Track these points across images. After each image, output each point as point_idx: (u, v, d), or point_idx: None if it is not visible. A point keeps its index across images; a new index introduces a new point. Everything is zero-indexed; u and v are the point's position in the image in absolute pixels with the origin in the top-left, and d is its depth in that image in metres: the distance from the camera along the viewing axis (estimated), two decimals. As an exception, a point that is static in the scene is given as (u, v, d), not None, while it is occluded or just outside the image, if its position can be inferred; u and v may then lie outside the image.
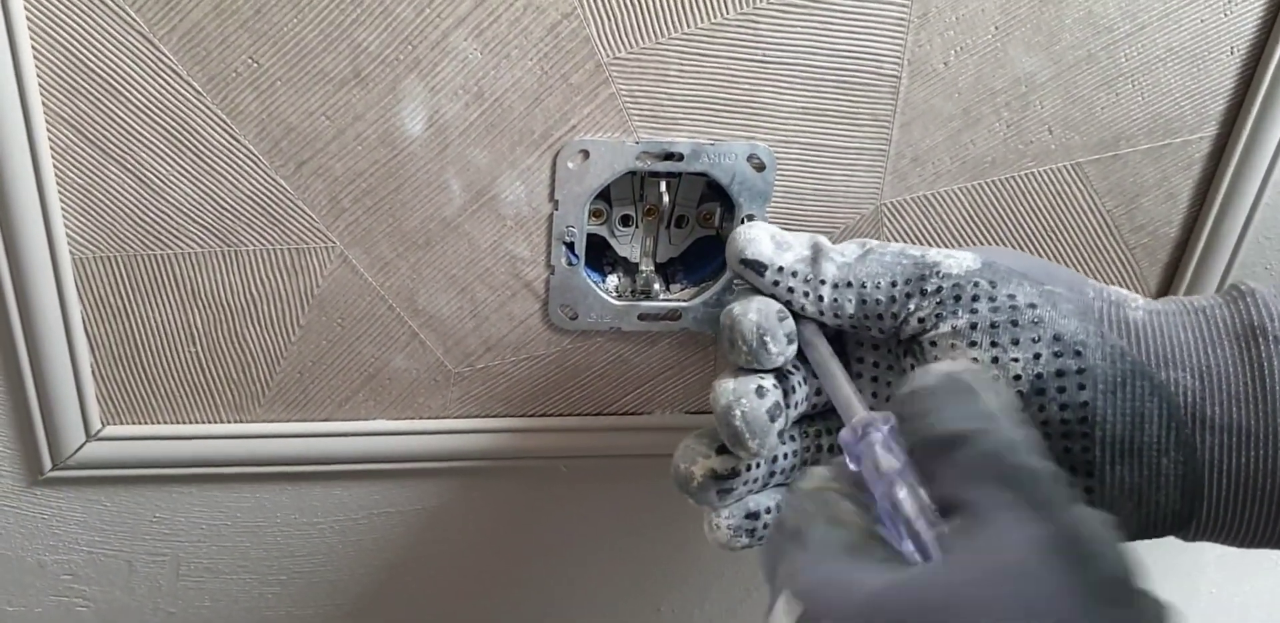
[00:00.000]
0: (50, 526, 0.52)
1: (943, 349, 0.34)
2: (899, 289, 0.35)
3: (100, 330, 0.47)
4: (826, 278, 0.36)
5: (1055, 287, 0.34)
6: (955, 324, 0.34)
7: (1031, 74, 0.47)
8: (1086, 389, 0.33)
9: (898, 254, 0.36)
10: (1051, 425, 0.33)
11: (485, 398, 0.52)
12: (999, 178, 0.49)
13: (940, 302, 0.34)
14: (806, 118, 0.46)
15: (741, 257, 0.38)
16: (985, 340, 0.33)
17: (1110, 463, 0.33)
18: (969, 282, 0.34)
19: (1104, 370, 0.33)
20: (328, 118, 0.43)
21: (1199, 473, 0.32)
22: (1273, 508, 0.32)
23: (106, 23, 0.40)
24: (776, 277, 0.37)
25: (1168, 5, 0.46)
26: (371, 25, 0.41)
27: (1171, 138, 0.49)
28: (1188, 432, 0.32)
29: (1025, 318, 0.33)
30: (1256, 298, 0.33)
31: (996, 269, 0.35)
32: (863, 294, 0.36)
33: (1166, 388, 0.32)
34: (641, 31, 0.43)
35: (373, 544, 0.56)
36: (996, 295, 0.34)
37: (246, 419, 0.50)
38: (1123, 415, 0.32)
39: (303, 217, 0.45)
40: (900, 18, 0.44)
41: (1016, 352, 0.33)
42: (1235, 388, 0.32)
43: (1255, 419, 0.32)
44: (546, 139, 0.45)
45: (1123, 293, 0.35)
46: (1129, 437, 0.33)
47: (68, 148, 0.42)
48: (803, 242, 0.38)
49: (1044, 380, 0.33)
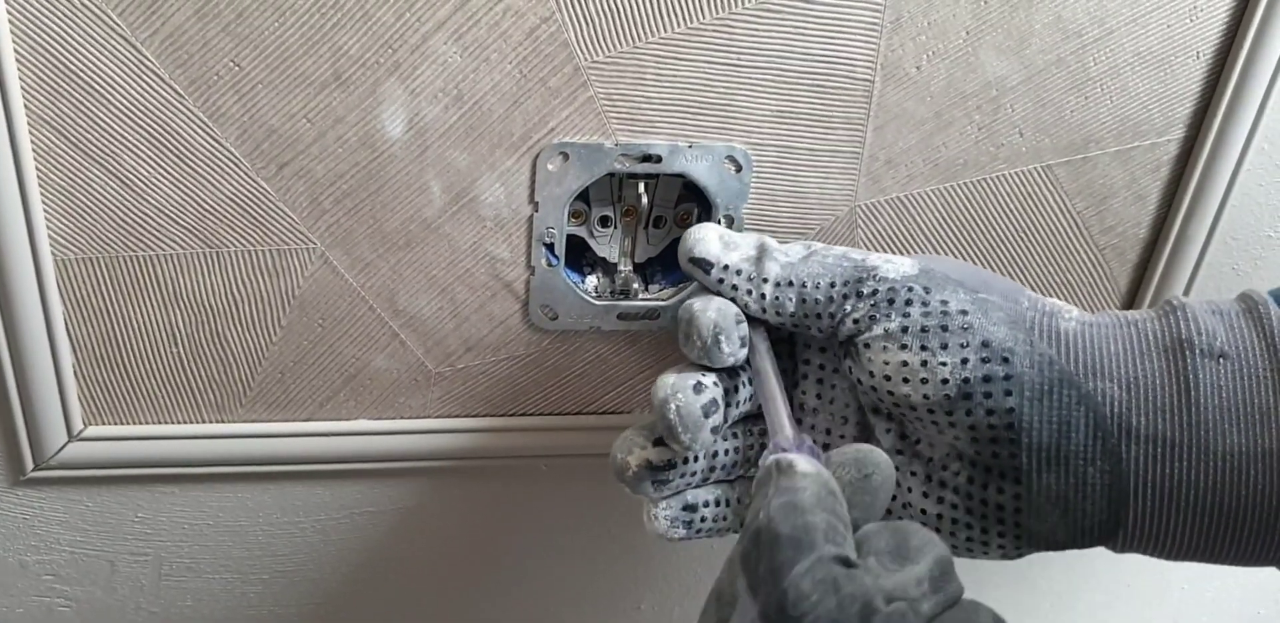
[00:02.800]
0: (32, 526, 0.52)
1: (875, 351, 0.35)
2: (836, 290, 0.36)
3: (82, 331, 0.47)
4: (769, 276, 0.37)
5: (989, 295, 0.35)
6: (887, 327, 0.35)
7: (1002, 78, 0.47)
8: (1013, 395, 0.33)
9: (840, 256, 0.38)
10: (979, 430, 0.34)
11: (466, 398, 0.52)
12: (971, 180, 0.50)
13: (874, 304, 0.35)
14: (781, 121, 0.47)
15: (690, 255, 0.39)
16: (915, 343, 0.34)
17: (1037, 470, 0.34)
18: (903, 286, 0.35)
19: (1031, 378, 0.33)
20: (309, 120, 0.43)
21: (1125, 483, 0.33)
22: (1197, 519, 0.33)
23: (88, 26, 0.40)
24: (722, 274, 0.38)
25: (1135, 11, 0.47)
26: (352, 29, 0.42)
27: (1140, 140, 0.50)
28: (1114, 441, 0.33)
29: (955, 323, 0.34)
30: (1186, 312, 0.34)
31: (932, 276, 0.36)
32: (803, 293, 0.37)
33: (1093, 397, 0.33)
34: (619, 36, 0.44)
35: (355, 543, 0.56)
36: (929, 301, 0.35)
37: (228, 419, 0.51)
38: (1049, 423, 0.33)
39: (284, 218, 0.45)
40: (873, 23, 0.45)
41: (945, 356, 0.34)
42: (1161, 400, 0.33)
43: (1180, 431, 0.32)
44: (526, 141, 0.45)
45: (1058, 304, 0.36)
46: (1055, 445, 0.33)
47: (50, 150, 0.42)
48: (749, 242, 0.39)
49: (971, 385, 0.33)
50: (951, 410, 0.33)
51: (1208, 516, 0.33)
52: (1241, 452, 0.32)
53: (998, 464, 0.34)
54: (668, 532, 0.39)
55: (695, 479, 0.39)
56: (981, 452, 0.34)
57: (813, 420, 0.39)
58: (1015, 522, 0.34)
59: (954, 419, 0.34)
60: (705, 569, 0.63)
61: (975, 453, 0.34)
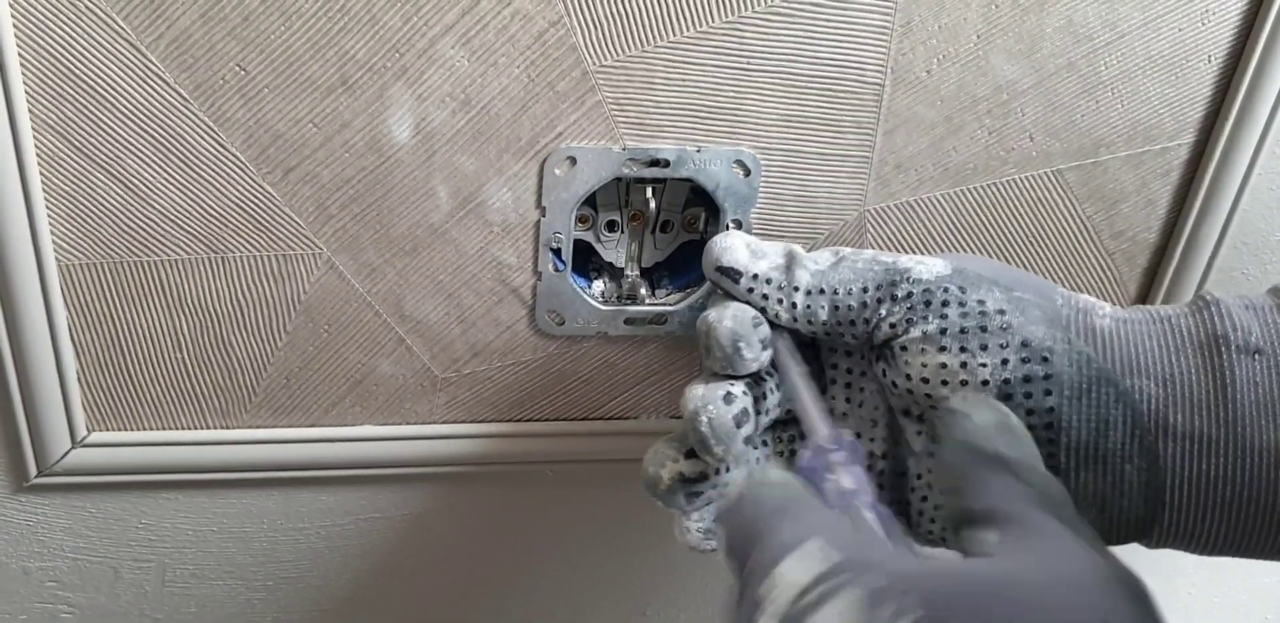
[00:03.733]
0: (35, 532, 0.52)
1: (913, 354, 0.34)
2: (870, 295, 0.35)
3: (86, 337, 0.47)
4: (800, 285, 0.36)
5: (1024, 293, 0.35)
6: (925, 329, 0.34)
7: (1013, 82, 0.47)
8: (1053, 395, 0.33)
9: (869, 261, 0.37)
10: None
11: (472, 403, 0.52)
12: (981, 184, 0.50)
13: (911, 307, 0.35)
14: (791, 125, 0.47)
15: (717, 264, 0.38)
16: (954, 345, 0.34)
17: (1076, 469, 0.33)
18: (939, 287, 0.35)
19: (1070, 376, 0.33)
20: (315, 125, 0.43)
21: (1161, 480, 0.33)
22: (1233, 515, 0.33)
23: (93, 30, 0.40)
24: (751, 284, 0.37)
25: (1146, 15, 0.47)
26: (359, 33, 0.41)
27: (1150, 145, 0.50)
28: (1151, 439, 0.33)
29: (994, 324, 0.34)
30: (1220, 307, 0.34)
31: (966, 275, 0.35)
32: (835, 301, 0.36)
33: (1130, 395, 0.33)
34: (627, 40, 0.43)
35: (359, 549, 0.56)
36: (966, 301, 0.34)
37: (233, 425, 0.50)
38: (1087, 422, 0.33)
39: (290, 223, 0.45)
40: (884, 26, 0.45)
41: (985, 357, 0.33)
42: (1198, 396, 0.33)
43: (1216, 427, 0.32)
44: (533, 146, 0.45)
45: (1091, 301, 0.36)
46: (1094, 443, 0.33)
47: (54, 155, 0.42)
48: (777, 250, 0.38)
49: (1011, 385, 0.33)
50: None
51: (1244, 511, 0.33)
52: (1277, 447, 0.32)
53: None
54: (701, 544, 0.39)
55: (727, 489, 0.39)
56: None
57: (843, 425, 0.39)
58: None
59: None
60: (711, 575, 0.62)
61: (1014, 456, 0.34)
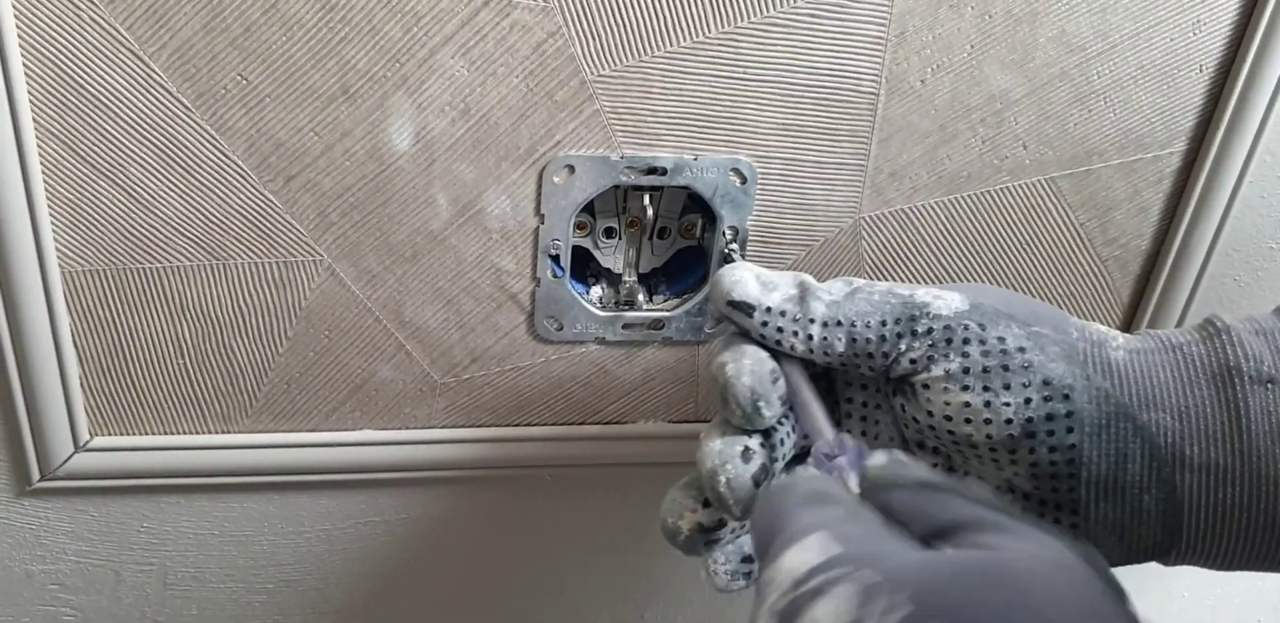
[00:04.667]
0: (38, 536, 0.52)
1: (935, 392, 0.34)
2: (889, 329, 0.35)
3: (89, 343, 0.47)
4: (815, 317, 0.36)
5: (1040, 327, 0.35)
6: (948, 368, 0.34)
7: (1006, 91, 0.48)
8: (1074, 432, 0.33)
9: (886, 293, 0.36)
10: (1040, 467, 0.34)
11: (471, 408, 0.52)
12: (975, 192, 0.50)
13: (932, 344, 0.34)
14: (787, 134, 0.47)
15: (729, 298, 0.37)
16: (978, 385, 0.34)
17: (1095, 501, 0.34)
18: (959, 324, 0.34)
19: (1090, 413, 0.33)
20: (316, 134, 0.44)
21: (1179, 509, 0.33)
22: (1250, 539, 0.34)
23: (97, 40, 0.40)
24: (765, 317, 0.36)
25: (1138, 25, 0.47)
26: (360, 43, 0.42)
27: (1143, 153, 0.51)
28: (1168, 471, 0.33)
29: (1015, 362, 0.34)
30: (1232, 336, 0.34)
31: (984, 310, 0.35)
32: (853, 333, 0.35)
33: (1148, 429, 0.33)
34: (625, 50, 0.44)
35: (359, 553, 0.56)
36: (986, 338, 0.34)
37: (234, 430, 0.51)
38: (1107, 456, 0.33)
39: (291, 230, 0.46)
40: (878, 37, 0.45)
41: (1008, 396, 0.34)
42: (1212, 428, 0.33)
43: (1232, 458, 0.33)
44: (532, 154, 0.45)
45: (1103, 331, 0.36)
46: (1112, 476, 0.33)
47: (58, 163, 0.43)
48: (788, 281, 0.37)
49: (1034, 424, 0.33)
50: (1015, 449, 0.34)
51: (1260, 535, 0.33)
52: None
53: (1055, 498, 0.34)
54: (728, 585, 0.38)
55: (745, 529, 0.39)
56: (1041, 487, 0.34)
57: None
58: None
59: (1016, 457, 0.34)
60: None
61: (1034, 488, 0.34)
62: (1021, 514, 0.27)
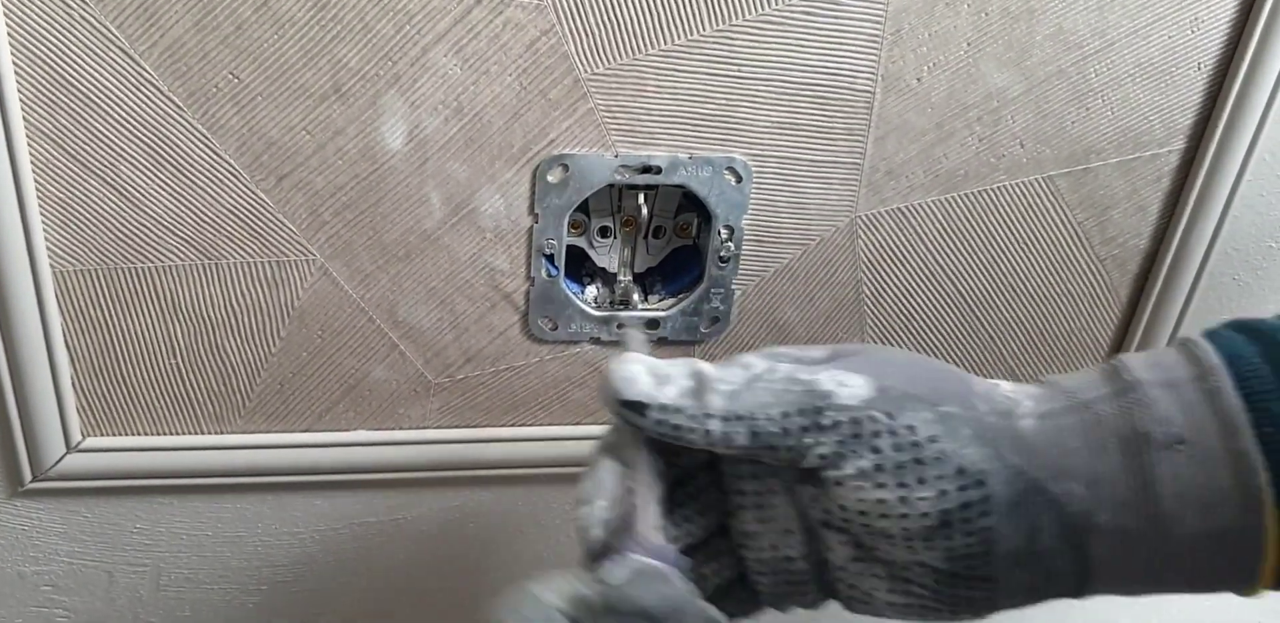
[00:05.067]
0: (30, 537, 0.52)
1: (848, 489, 0.34)
2: (792, 421, 0.34)
3: (81, 343, 0.47)
4: (714, 412, 0.34)
5: (949, 406, 0.34)
6: (860, 466, 0.33)
7: (1003, 89, 0.47)
8: (989, 515, 0.33)
9: (786, 380, 0.34)
10: (955, 550, 0.34)
11: (465, 408, 0.52)
12: (971, 191, 0.50)
13: (841, 440, 0.33)
14: (782, 132, 0.47)
15: (619, 397, 0.35)
16: (892, 481, 0.33)
17: (1008, 570, 0.34)
18: (865, 416, 0.33)
19: (1003, 494, 0.33)
20: (308, 132, 0.43)
21: (1089, 569, 0.34)
22: (1159, 585, 0.34)
23: (87, 38, 0.40)
24: (660, 415, 0.34)
25: (1136, 22, 0.47)
26: (352, 41, 0.42)
27: (1141, 151, 0.50)
28: (1079, 538, 0.33)
29: (928, 454, 0.33)
30: (1140, 393, 0.34)
31: (890, 395, 0.34)
32: (754, 427, 0.34)
33: (1059, 501, 0.33)
34: (619, 48, 0.44)
35: (353, 554, 0.56)
36: (896, 429, 0.33)
37: (227, 430, 0.50)
38: (1019, 531, 0.33)
39: (283, 230, 0.45)
40: (874, 34, 0.45)
41: (923, 491, 0.33)
42: (1123, 495, 0.33)
43: (1141, 523, 0.33)
44: (525, 153, 0.45)
45: (1008, 397, 0.35)
46: (1025, 548, 0.34)
47: (48, 162, 0.42)
48: (681, 371, 0.35)
49: (951, 514, 0.33)
50: (930, 537, 0.33)
51: (1166, 584, 0.34)
52: (1197, 534, 0.33)
53: (969, 572, 0.34)
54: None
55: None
56: (955, 565, 0.34)
57: (756, 543, 0.37)
58: (988, 606, 0.35)
59: (932, 544, 0.34)
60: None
61: (948, 566, 0.34)
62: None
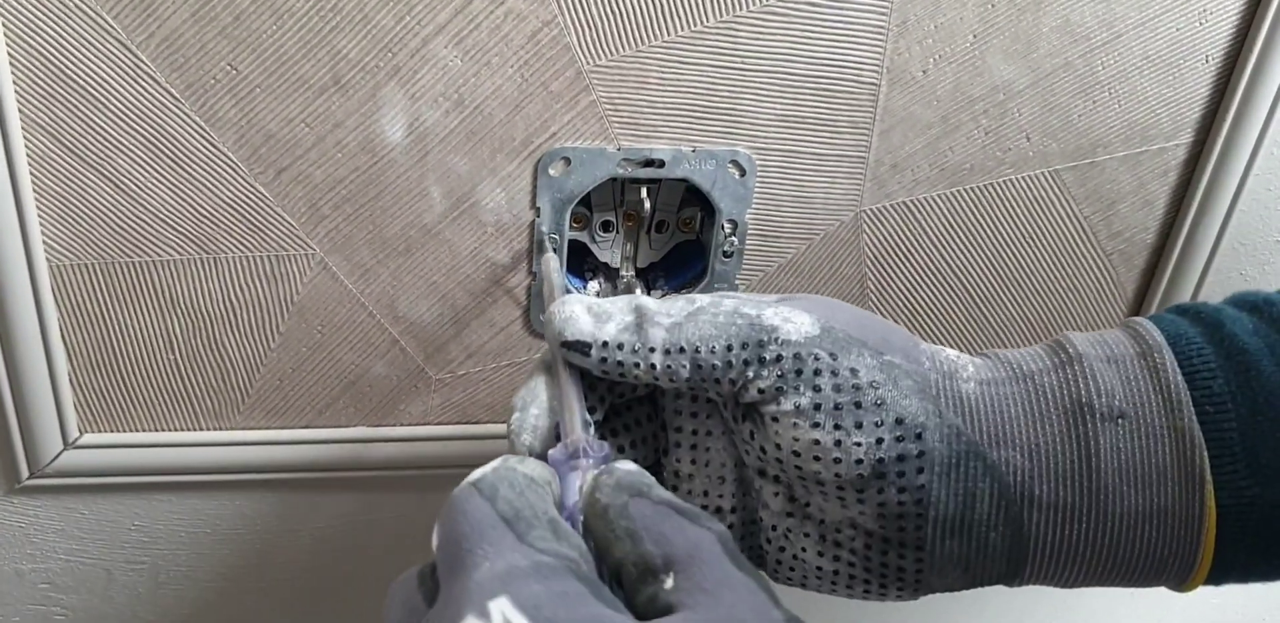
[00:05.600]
0: (28, 534, 0.52)
1: (784, 426, 0.33)
2: (735, 354, 0.33)
3: (78, 338, 0.46)
4: (655, 345, 0.34)
5: (893, 356, 0.34)
6: (798, 402, 0.33)
7: (1009, 82, 0.47)
8: (924, 472, 0.33)
9: (731, 314, 0.34)
10: (887, 507, 0.33)
11: (466, 405, 0.51)
12: (977, 184, 0.49)
13: (781, 374, 0.33)
14: (786, 125, 0.46)
15: (562, 339, 0.34)
16: (829, 422, 0.33)
17: (941, 539, 0.33)
18: (809, 353, 0.33)
19: (941, 453, 0.33)
20: (307, 125, 0.43)
21: (1025, 544, 0.33)
22: (1091, 570, 0.34)
23: (83, 29, 0.40)
24: (603, 353, 0.34)
25: (1144, 14, 0.46)
26: (351, 32, 0.41)
27: (1148, 145, 0.50)
28: (1016, 509, 0.33)
29: (868, 399, 0.33)
30: (1083, 367, 0.33)
31: (835, 336, 0.33)
32: (697, 359, 0.34)
33: (998, 468, 0.33)
34: (622, 39, 0.43)
35: (353, 552, 0.56)
36: (839, 369, 0.33)
37: (226, 427, 0.50)
38: (955, 496, 0.33)
39: (282, 224, 0.45)
40: (879, 26, 0.45)
41: (859, 436, 0.32)
42: (1062, 467, 0.33)
43: (1080, 496, 0.32)
44: (527, 146, 0.45)
45: (953, 359, 0.35)
46: (960, 515, 0.33)
47: (45, 155, 0.42)
48: (621, 307, 0.35)
49: (885, 465, 0.33)
50: (863, 488, 0.33)
51: (1101, 566, 0.33)
52: (1137, 511, 0.32)
53: (900, 536, 0.34)
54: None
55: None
56: (887, 526, 0.34)
57: (689, 486, 0.37)
58: (916, 580, 0.35)
59: (864, 496, 0.33)
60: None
61: (880, 527, 0.34)
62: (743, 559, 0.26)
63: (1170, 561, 0.33)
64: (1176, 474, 0.32)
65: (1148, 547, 0.33)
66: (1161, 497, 0.32)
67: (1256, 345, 0.33)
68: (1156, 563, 0.33)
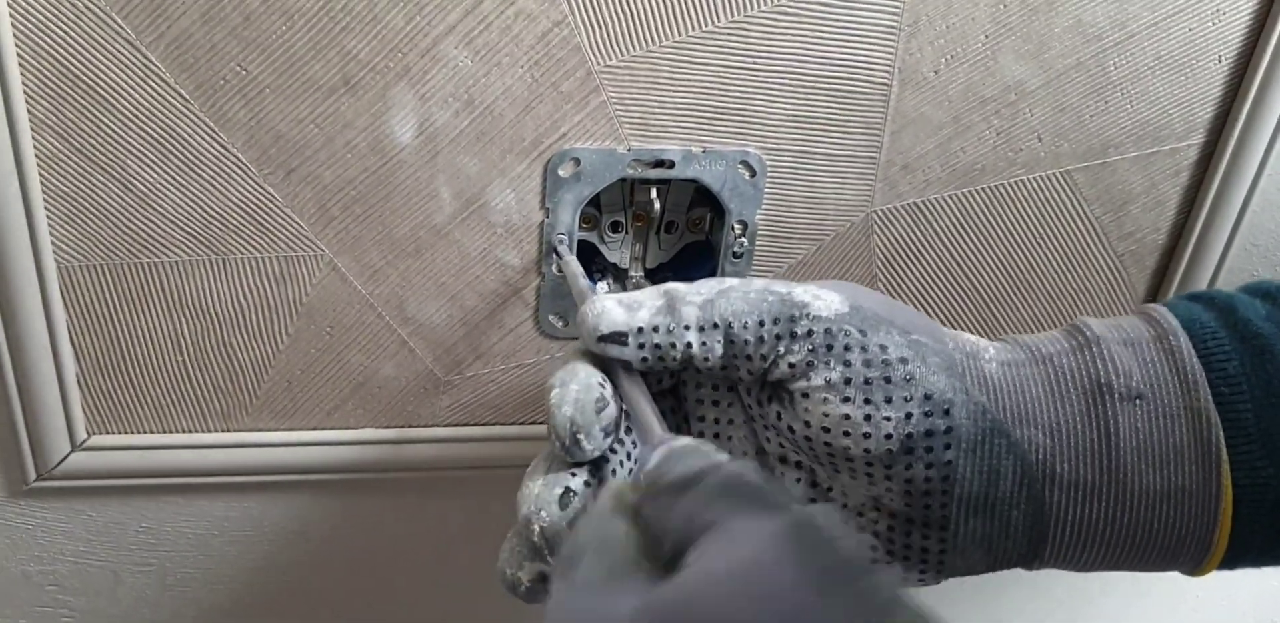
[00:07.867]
0: (35, 536, 0.51)
1: (814, 401, 0.33)
2: (767, 329, 0.33)
3: (86, 339, 0.46)
4: (690, 323, 0.34)
5: (919, 336, 0.34)
6: (829, 377, 0.33)
7: (1021, 82, 0.47)
8: (951, 449, 0.33)
9: (762, 291, 0.34)
10: (914, 484, 0.33)
11: (475, 406, 0.51)
12: (989, 185, 0.49)
13: (812, 349, 0.33)
14: (797, 125, 0.46)
15: (598, 334, 0.34)
16: (859, 396, 0.33)
17: (964, 518, 0.34)
18: (839, 328, 0.33)
19: (967, 430, 0.33)
20: (317, 125, 0.43)
21: (1046, 524, 0.34)
22: (1110, 550, 0.34)
23: (93, 29, 0.40)
24: (640, 339, 0.34)
25: (1156, 14, 0.46)
26: (361, 33, 0.41)
27: (1159, 145, 0.50)
28: (1038, 487, 0.33)
29: (897, 374, 0.33)
30: (1101, 349, 0.34)
31: (864, 314, 0.34)
32: (730, 334, 0.34)
33: (1021, 446, 0.33)
34: (632, 39, 0.43)
35: (362, 554, 0.55)
36: (868, 345, 0.33)
37: (234, 428, 0.50)
38: (979, 473, 0.33)
39: (291, 225, 0.45)
40: (891, 26, 0.44)
41: (889, 410, 0.33)
42: (1083, 445, 0.33)
43: (1100, 475, 0.33)
44: (537, 147, 0.45)
45: (974, 341, 0.35)
46: (984, 494, 0.33)
47: (54, 155, 0.42)
48: (651, 294, 0.35)
49: (914, 440, 0.33)
50: (891, 464, 0.33)
51: (1120, 547, 0.34)
52: (1156, 491, 0.33)
53: (925, 515, 0.34)
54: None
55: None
56: (912, 504, 0.34)
57: None
58: (939, 561, 0.35)
59: (891, 472, 0.33)
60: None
61: (905, 505, 0.34)
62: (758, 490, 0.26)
63: (1188, 540, 0.33)
64: (1193, 454, 0.32)
65: (1165, 526, 0.33)
66: (1179, 476, 0.33)
67: (1270, 330, 0.33)
68: (1174, 543, 0.33)
